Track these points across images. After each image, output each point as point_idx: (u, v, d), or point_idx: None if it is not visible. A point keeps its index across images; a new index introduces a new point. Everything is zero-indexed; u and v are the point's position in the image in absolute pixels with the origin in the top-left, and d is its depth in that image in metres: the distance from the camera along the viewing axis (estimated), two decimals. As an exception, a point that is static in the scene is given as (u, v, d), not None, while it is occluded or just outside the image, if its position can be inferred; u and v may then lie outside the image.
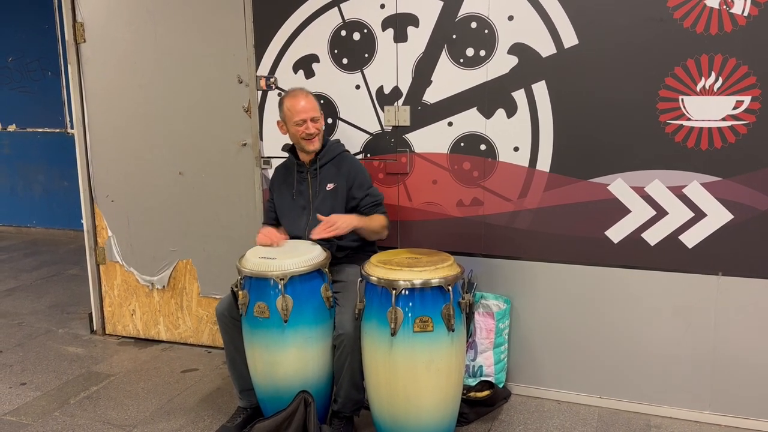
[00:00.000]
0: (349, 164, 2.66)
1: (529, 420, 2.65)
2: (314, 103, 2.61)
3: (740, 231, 2.45)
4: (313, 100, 2.62)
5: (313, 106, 2.60)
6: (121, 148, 3.43)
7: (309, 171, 2.66)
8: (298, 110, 2.56)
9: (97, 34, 3.35)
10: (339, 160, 2.66)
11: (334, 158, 2.66)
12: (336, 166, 2.65)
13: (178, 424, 2.66)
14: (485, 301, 2.76)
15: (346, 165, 2.65)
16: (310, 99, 2.61)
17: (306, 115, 2.55)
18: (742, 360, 2.53)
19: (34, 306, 4.20)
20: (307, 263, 2.34)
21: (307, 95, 2.61)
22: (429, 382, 2.21)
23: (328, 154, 2.66)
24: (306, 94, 2.61)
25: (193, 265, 3.39)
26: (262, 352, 2.38)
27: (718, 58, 2.37)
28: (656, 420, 2.63)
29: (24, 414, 2.75)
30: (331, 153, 2.67)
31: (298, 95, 2.60)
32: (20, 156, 6.35)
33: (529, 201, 2.70)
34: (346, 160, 2.68)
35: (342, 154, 2.69)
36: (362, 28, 2.82)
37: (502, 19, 2.61)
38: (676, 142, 2.47)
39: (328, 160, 2.65)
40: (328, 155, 2.66)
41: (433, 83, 2.75)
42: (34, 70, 6.10)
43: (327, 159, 2.65)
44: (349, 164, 2.66)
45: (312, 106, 2.59)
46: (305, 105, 2.57)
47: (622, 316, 2.66)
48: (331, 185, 2.62)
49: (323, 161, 2.65)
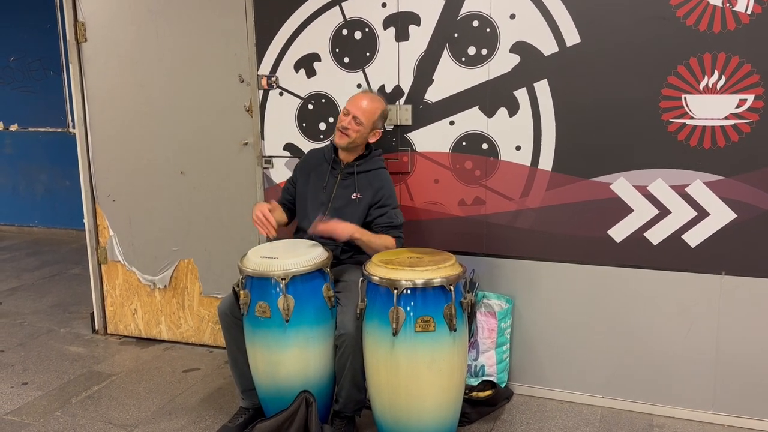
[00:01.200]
0: (382, 181, 2.61)
1: (531, 420, 2.64)
2: (371, 109, 2.56)
3: (743, 230, 2.44)
4: (374, 106, 2.58)
5: (367, 110, 2.55)
6: (123, 147, 3.42)
7: (342, 171, 2.64)
8: (353, 101, 2.58)
9: (99, 33, 3.35)
10: (374, 175, 2.61)
11: (371, 170, 2.62)
12: (369, 179, 2.60)
13: (180, 423, 2.66)
14: (487, 301, 2.75)
15: (379, 181, 2.60)
16: (375, 103, 2.58)
17: (353, 109, 2.54)
18: (745, 360, 2.52)
19: (36, 305, 4.20)
20: (308, 263, 2.34)
21: (372, 99, 2.60)
22: (431, 382, 2.21)
23: (367, 164, 2.62)
24: (372, 98, 2.61)
25: (195, 265, 3.39)
26: (264, 352, 2.37)
27: (721, 57, 2.36)
28: (659, 420, 2.62)
29: (26, 414, 2.75)
30: (371, 164, 2.63)
31: (366, 93, 2.64)
32: (22, 156, 6.36)
33: (531, 200, 2.69)
34: (380, 176, 2.62)
35: (380, 170, 2.64)
36: (364, 27, 2.81)
37: (504, 18, 2.60)
38: (679, 140, 2.45)
39: (365, 170, 2.61)
40: (367, 165, 2.62)
41: (435, 82, 2.75)
42: (36, 69, 6.11)
43: (364, 169, 2.61)
44: (382, 181, 2.61)
45: (365, 109, 2.55)
46: (362, 103, 2.56)
47: (625, 316, 2.65)
48: (356, 195, 2.58)
49: (360, 169, 2.61)
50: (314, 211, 2.61)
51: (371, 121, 2.57)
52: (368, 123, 2.56)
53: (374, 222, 2.56)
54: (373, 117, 2.57)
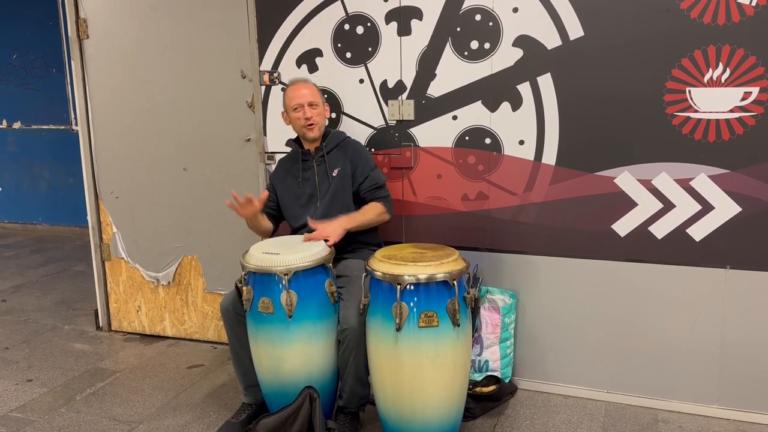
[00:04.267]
0: (353, 148, 2.70)
1: (535, 415, 2.64)
2: (313, 89, 2.64)
3: (748, 224, 2.43)
4: (312, 87, 2.65)
5: (312, 92, 2.62)
6: (125, 144, 3.42)
7: (315, 158, 2.67)
8: (296, 96, 2.61)
9: (101, 30, 3.34)
10: (344, 146, 2.69)
11: (338, 144, 2.69)
12: (341, 151, 2.68)
13: (184, 419, 2.66)
14: (491, 296, 2.75)
15: (350, 149, 2.69)
16: (310, 87, 2.65)
17: (303, 100, 2.59)
18: (750, 354, 2.51)
19: (40, 302, 4.21)
20: (310, 258, 2.33)
21: (306, 82, 2.66)
22: (434, 377, 2.20)
23: (332, 141, 2.68)
24: (305, 82, 2.66)
25: (198, 261, 3.39)
26: (267, 348, 2.37)
27: (725, 49, 2.34)
28: (664, 414, 2.61)
29: (30, 410, 2.76)
30: (335, 140, 2.69)
31: (297, 82, 2.66)
32: (25, 153, 6.37)
33: (535, 195, 2.68)
34: (350, 144, 2.71)
35: (346, 140, 2.72)
36: (366, 22, 2.80)
37: (507, 11, 2.58)
38: (684, 134, 2.44)
39: (333, 146, 2.68)
40: (332, 142, 2.68)
41: (438, 77, 2.73)
42: (39, 67, 6.12)
43: (332, 146, 2.68)
44: (353, 148, 2.70)
45: (310, 92, 2.62)
46: (305, 92, 2.61)
47: (629, 311, 2.64)
48: (337, 170, 2.64)
49: (329, 148, 2.67)
50: (308, 205, 2.66)
51: (320, 99, 2.66)
52: (320, 101, 2.65)
53: (360, 188, 2.64)
54: (318, 94, 2.66)
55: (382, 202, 2.63)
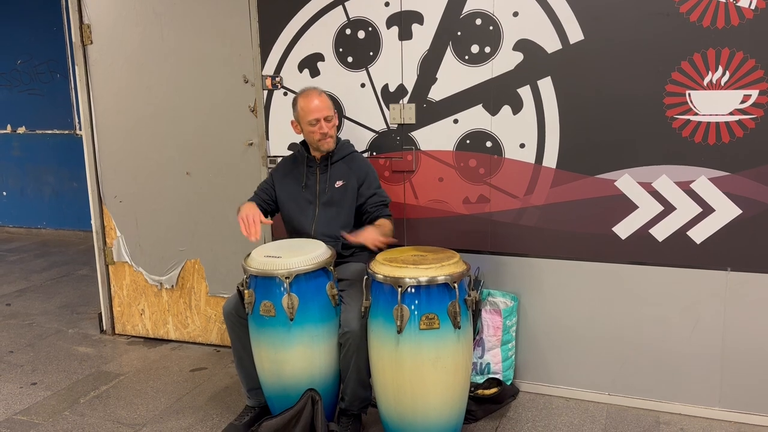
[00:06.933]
0: (359, 162, 2.69)
1: (537, 417, 2.64)
2: (327, 102, 2.62)
3: (749, 226, 2.43)
4: (326, 99, 2.63)
5: (327, 105, 2.61)
6: (129, 148, 3.44)
7: (319, 166, 2.67)
8: (311, 109, 2.57)
9: (104, 35, 3.37)
10: (350, 159, 2.69)
11: (345, 157, 2.68)
12: (347, 164, 2.67)
13: (187, 422, 2.67)
14: (492, 299, 2.75)
15: (357, 163, 2.68)
16: (324, 98, 2.62)
17: (320, 114, 2.56)
18: (751, 356, 2.51)
19: (45, 306, 4.23)
20: (312, 261, 2.34)
21: (320, 94, 2.62)
22: (436, 380, 2.21)
23: (339, 152, 2.68)
24: (319, 93, 2.62)
25: (201, 265, 3.41)
26: (269, 351, 2.38)
27: (725, 52, 2.35)
28: (665, 416, 2.62)
29: (35, 413, 2.78)
30: (342, 151, 2.68)
31: (311, 94, 2.61)
32: (30, 158, 6.40)
33: (536, 198, 2.69)
34: (356, 158, 2.71)
35: (353, 154, 2.71)
36: (367, 26, 2.82)
37: (507, 16, 2.60)
38: (684, 137, 2.45)
39: (339, 158, 2.67)
40: (339, 153, 2.67)
41: (438, 80, 2.75)
42: (43, 72, 6.14)
43: (338, 157, 2.67)
44: (359, 162, 2.69)
45: (325, 105, 2.60)
46: (318, 104, 2.58)
47: (631, 313, 2.65)
48: (340, 182, 2.64)
49: (335, 158, 2.66)
50: (306, 211, 2.65)
51: (333, 109, 2.64)
52: (333, 112, 2.64)
53: (367, 202, 2.62)
54: (331, 105, 2.64)
55: (389, 221, 2.61)
